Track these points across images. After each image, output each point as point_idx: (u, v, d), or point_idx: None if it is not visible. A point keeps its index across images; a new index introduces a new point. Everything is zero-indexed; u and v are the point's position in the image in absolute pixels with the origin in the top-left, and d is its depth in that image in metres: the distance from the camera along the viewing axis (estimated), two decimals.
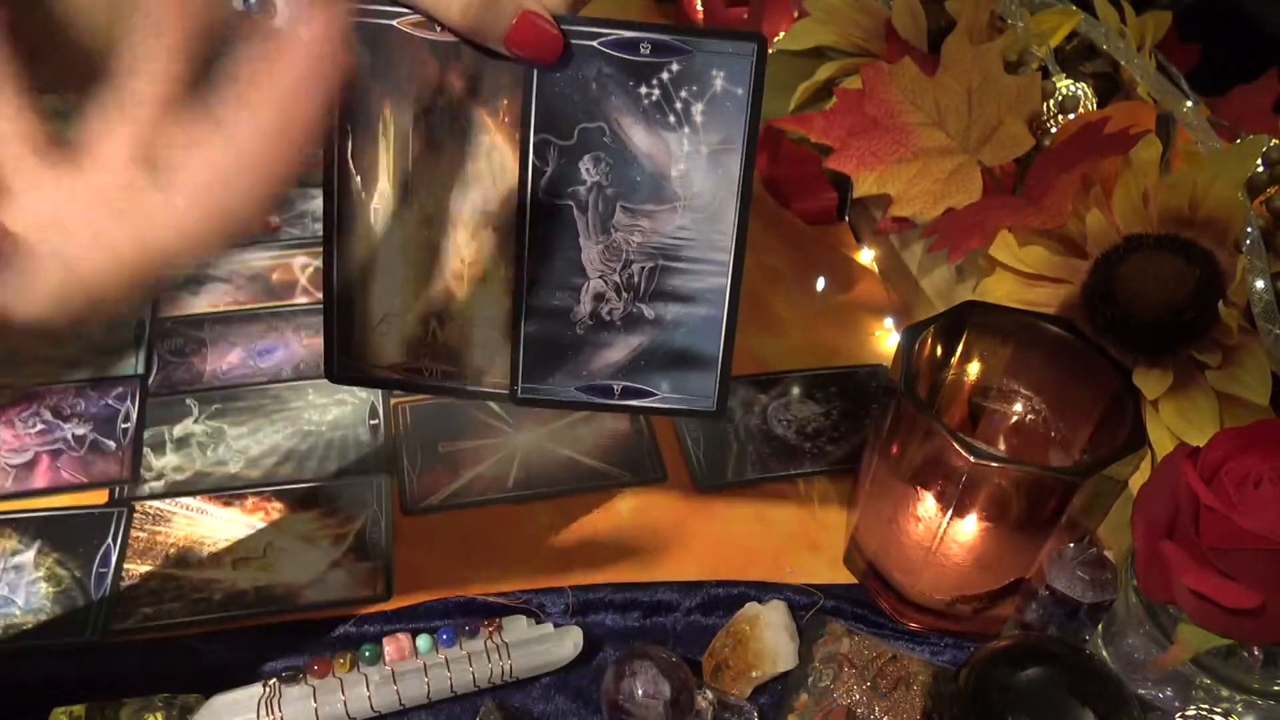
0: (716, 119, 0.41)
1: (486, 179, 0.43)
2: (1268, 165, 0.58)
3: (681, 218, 0.42)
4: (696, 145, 0.41)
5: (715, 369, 0.45)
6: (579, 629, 0.54)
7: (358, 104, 0.42)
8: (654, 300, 0.44)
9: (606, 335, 0.44)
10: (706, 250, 0.43)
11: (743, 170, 0.42)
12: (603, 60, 0.41)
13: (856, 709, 0.52)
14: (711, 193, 0.42)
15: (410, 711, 0.51)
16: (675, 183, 0.42)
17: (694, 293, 0.44)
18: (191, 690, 0.50)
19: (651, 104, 0.41)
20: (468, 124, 0.42)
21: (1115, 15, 0.69)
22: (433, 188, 0.43)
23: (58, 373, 0.65)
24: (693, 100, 0.41)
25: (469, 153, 0.43)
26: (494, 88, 0.42)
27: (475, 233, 0.44)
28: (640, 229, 0.43)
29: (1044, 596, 0.51)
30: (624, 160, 0.42)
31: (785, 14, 0.82)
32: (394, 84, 0.42)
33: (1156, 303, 0.52)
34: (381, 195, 0.43)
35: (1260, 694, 0.44)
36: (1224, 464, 0.42)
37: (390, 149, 0.43)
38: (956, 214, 0.61)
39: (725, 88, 0.41)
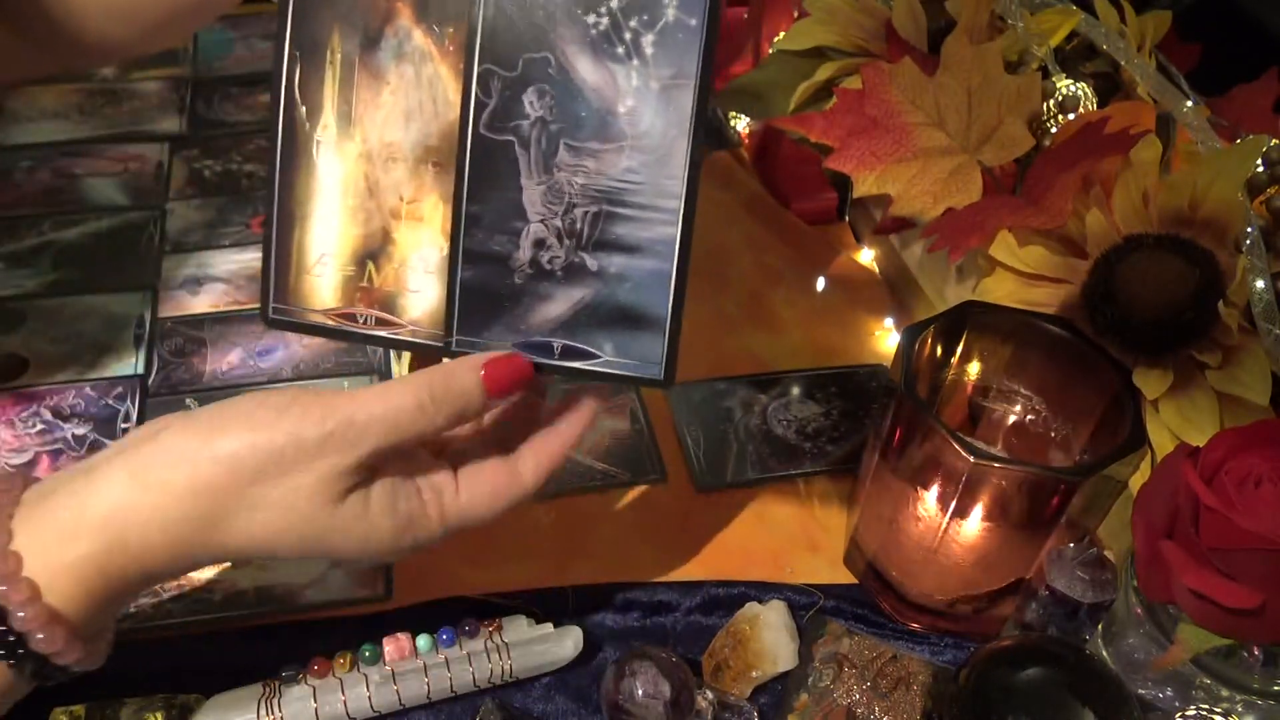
0: (668, 51, 0.39)
1: (429, 110, 0.41)
2: (1268, 165, 0.57)
3: (629, 159, 0.40)
4: (646, 80, 0.39)
5: (663, 331, 0.42)
6: (579, 629, 0.54)
7: (307, 30, 0.41)
8: (597, 250, 0.41)
9: (547, 286, 0.42)
10: (655, 196, 0.40)
11: (695, 108, 0.39)
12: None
13: (856, 709, 0.52)
14: (661, 132, 0.39)
15: (410, 711, 0.51)
16: (622, 120, 0.40)
17: (641, 243, 0.41)
18: (191, 690, 0.50)
19: (599, 33, 0.39)
20: (412, 52, 0.41)
21: (1115, 15, 0.69)
22: (375, 120, 0.41)
23: None
24: (643, 30, 0.38)
25: (412, 83, 0.41)
26: (441, 15, 0.40)
27: (416, 169, 0.42)
28: (584, 169, 0.40)
29: (1044, 596, 0.51)
30: (569, 94, 0.40)
31: (785, 14, 0.82)
32: (343, 10, 0.41)
33: (1156, 303, 0.52)
34: (325, 127, 0.42)
35: (1260, 694, 0.44)
36: (1224, 464, 0.42)
37: (335, 79, 0.41)
38: (956, 214, 0.61)
39: (678, 17, 0.38)
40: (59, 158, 0.82)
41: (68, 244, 0.75)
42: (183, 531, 0.38)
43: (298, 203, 0.43)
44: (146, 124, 0.86)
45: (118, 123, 0.86)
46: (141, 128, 0.86)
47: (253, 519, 0.38)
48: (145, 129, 0.86)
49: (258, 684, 0.50)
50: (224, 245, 0.76)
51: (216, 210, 0.79)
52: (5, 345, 0.68)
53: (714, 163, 0.87)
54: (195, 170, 0.82)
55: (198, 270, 0.74)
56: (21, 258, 0.74)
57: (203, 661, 0.53)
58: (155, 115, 0.87)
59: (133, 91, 0.89)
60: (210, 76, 0.92)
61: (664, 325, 0.42)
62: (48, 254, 0.74)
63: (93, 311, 0.69)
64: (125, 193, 0.80)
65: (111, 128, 0.85)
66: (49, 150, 0.83)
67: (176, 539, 0.38)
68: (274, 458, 0.38)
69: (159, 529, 0.38)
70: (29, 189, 0.79)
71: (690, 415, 0.67)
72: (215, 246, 0.76)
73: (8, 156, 0.82)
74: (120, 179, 0.81)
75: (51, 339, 0.68)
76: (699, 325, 0.73)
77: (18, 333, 0.68)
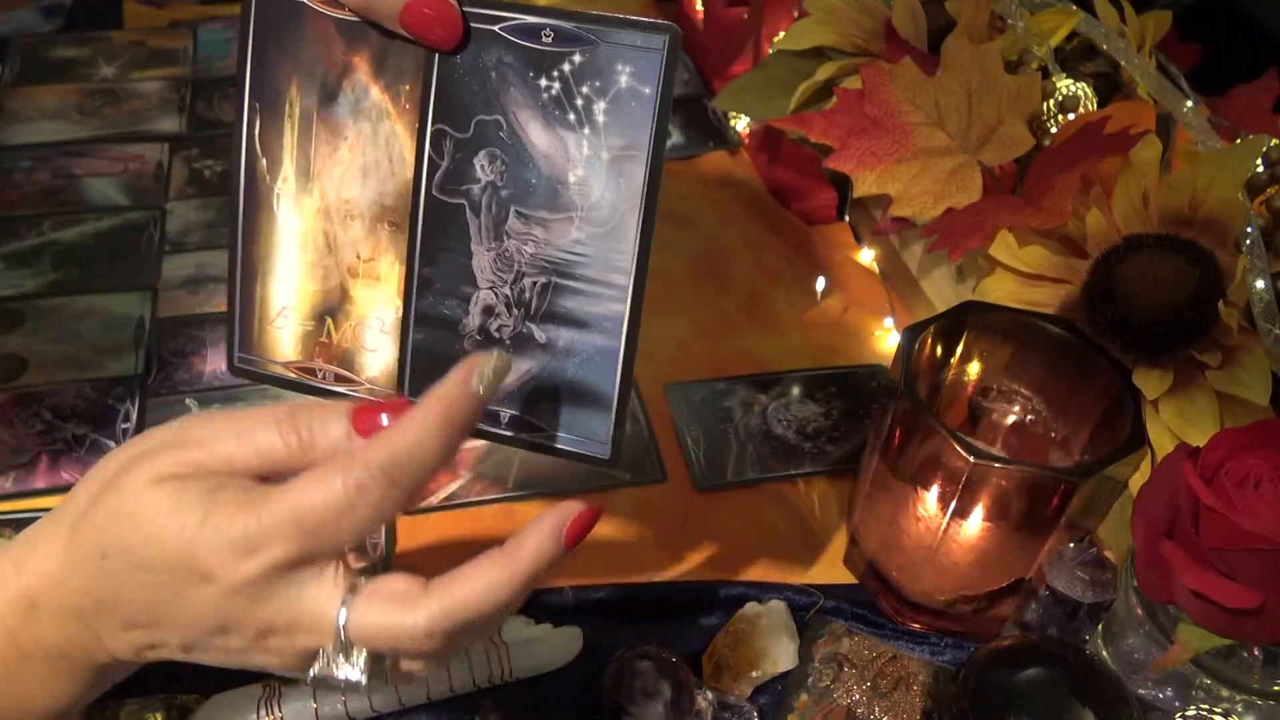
0: (620, 120, 0.37)
1: (385, 169, 0.40)
2: (1268, 165, 0.57)
3: (578, 230, 0.39)
4: (597, 149, 0.38)
5: (610, 409, 0.41)
6: (579, 629, 0.54)
7: (266, 81, 0.40)
8: (546, 322, 0.40)
9: None
10: (604, 271, 0.39)
11: (647, 182, 0.37)
12: (503, 47, 0.38)
13: (856, 709, 0.52)
14: (612, 205, 0.38)
15: (410, 711, 0.51)
16: (573, 190, 0.38)
17: (589, 318, 0.39)
18: (191, 690, 0.50)
19: (551, 98, 0.38)
20: (370, 108, 0.40)
21: (1115, 15, 0.69)
22: (333, 176, 0.41)
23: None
24: (595, 97, 0.37)
25: (369, 140, 0.40)
26: (397, 72, 0.39)
27: (373, 227, 0.41)
28: (534, 238, 0.39)
29: (1044, 596, 0.51)
30: (520, 159, 0.39)
31: (785, 14, 0.82)
32: (302, 63, 0.40)
33: (1156, 303, 0.52)
34: (285, 180, 0.41)
35: (1260, 694, 0.44)
36: (1224, 464, 0.42)
37: (294, 131, 0.41)
38: (956, 214, 0.61)
39: (631, 85, 0.37)
40: (59, 158, 0.82)
41: (68, 244, 0.75)
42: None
43: (260, 255, 0.42)
44: (146, 124, 0.86)
45: (118, 123, 0.86)
46: (141, 128, 0.86)
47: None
48: (145, 129, 0.86)
49: (258, 684, 0.50)
50: (224, 245, 0.75)
51: (216, 210, 0.79)
52: (5, 345, 0.68)
53: (714, 163, 0.87)
54: (195, 170, 0.82)
55: (197, 270, 0.74)
56: (21, 258, 0.74)
57: None
58: (155, 115, 0.87)
59: (133, 91, 0.89)
60: (210, 76, 0.92)
61: (611, 404, 0.41)
62: (48, 254, 0.74)
63: (93, 311, 0.69)
64: (125, 193, 0.80)
65: (111, 128, 0.85)
66: (49, 150, 0.83)
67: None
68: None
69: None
70: (29, 189, 0.79)
71: (690, 415, 0.67)
72: (215, 246, 0.76)
73: (8, 156, 0.82)
74: (120, 179, 0.81)
75: (51, 339, 0.68)
76: (699, 325, 0.74)
77: (18, 333, 0.68)
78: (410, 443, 0.35)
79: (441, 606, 0.35)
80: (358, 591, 0.35)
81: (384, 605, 0.35)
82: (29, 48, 0.93)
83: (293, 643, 0.36)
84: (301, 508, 0.35)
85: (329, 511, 0.34)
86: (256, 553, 0.35)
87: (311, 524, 0.34)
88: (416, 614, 0.35)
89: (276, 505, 0.35)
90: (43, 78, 0.90)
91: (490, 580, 0.35)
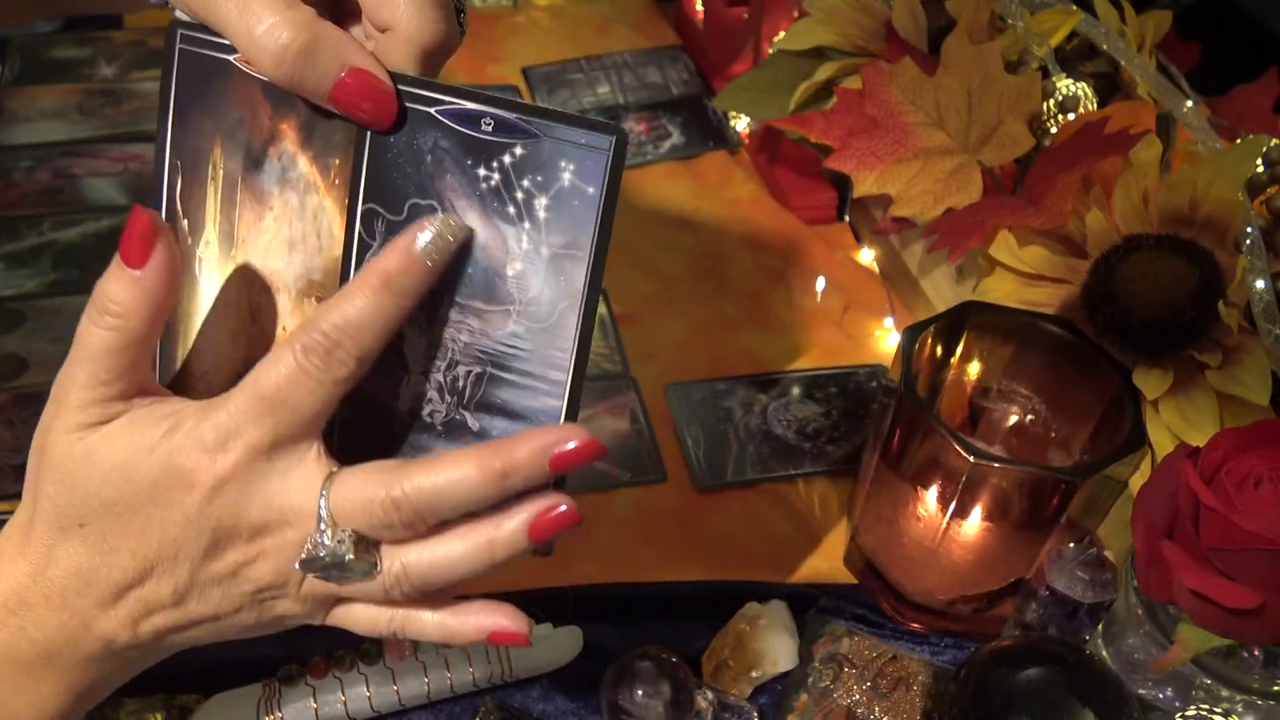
0: (561, 218, 0.36)
1: (312, 243, 0.39)
2: (1268, 165, 0.57)
3: (515, 324, 0.37)
4: (537, 245, 0.36)
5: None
6: (579, 629, 0.54)
7: (189, 140, 0.39)
8: (479, 411, 0.38)
9: (427, 439, 0.39)
10: (541, 366, 0.37)
11: (588, 281, 0.36)
12: (440, 132, 0.36)
13: (856, 709, 0.52)
14: (551, 302, 0.36)
15: (410, 711, 0.51)
16: (510, 283, 0.37)
17: (524, 411, 0.38)
18: (191, 690, 0.50)
19: (489, 189, 0.36)
20: (297, 179, 0.38)
21: (1115, 15, 0.69)
22: (258, 245, 0.39)
23: None
24: (536, 192, 0.36)
25: (297, 212, 0.38)
26: (326, 144, 0.37)
27: (299, 301, 0.39)
28: (469, 328, 0.37)
29: (1044, 596, 0.51)
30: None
31: (785, 14, 0.82)
32: (226, 125, 0.38)
33: (1156, 303, 0.52)
34: (207, 244, 0.40)
35: (1260, 694, 0.44)
36: (1224, 464, 0.42)
37: (218, 195, 0.39)
38: (956, 214, 0.61)
39: (574, 183, 0.35)
40: (59, 158, 0.82)
41: (68, 244, 0.75)
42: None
43: (180, 317, 0.41)
44: (146, 124, 0.86)
45: (118, 123, 0.86)
46: (141, 128, 0.86)
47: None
48: (145, 129, 0.86)
49: (258, 684, 0.50)
50: None
51: None
52: (5, 345, 0.68)
53: (714, 163, 0.87)
54: None
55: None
56: (21, 258, 0.74)
57: (203, 661, 0.52)
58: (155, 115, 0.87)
59: (133, 91, 0.89)
60: None
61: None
62: (48, 254, 0.74)
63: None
64: (125, 193, 0.80)
65: (111, 128, 0.85)
66: (49, 150, 0.83)
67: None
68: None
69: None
70: (29, 189, 0.79)
71: (690, 415, 0.67)
72: None
73: (8, 156, 0.82)
74: (120, 179, 0.81)
75: (51, 339, 0.68)
76: (699, 325, 0.74)
77: (18, 333, 0.68)
78: (352, 304, 0.35)
79: (413, 482, 0.36)
80: (336, 472, 0.36)
81: (361, 479, 0.36)
82: (29, 48, 0.93)
83: (284, 538, 0.36)
84: (260, 385, 0.35)
85: (286, 380, 0.35)
86: (230, 443, 0.35)
87: (273, 397, 0.35)
88: (391, 484, 0.36)
89: (237, 394, 0.36)
90: (43, 78, 0.90)
91: (462, 469, 0.36)
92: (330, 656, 0.51)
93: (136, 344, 0.36)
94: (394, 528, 0.36)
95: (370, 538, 0.37)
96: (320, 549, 0.36)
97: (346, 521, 0.36)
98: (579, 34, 0.98)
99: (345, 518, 0.36)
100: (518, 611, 0.39)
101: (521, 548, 0.38)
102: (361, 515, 0.36)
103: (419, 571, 0.37)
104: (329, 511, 0.36)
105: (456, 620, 0.39)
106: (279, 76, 0.35)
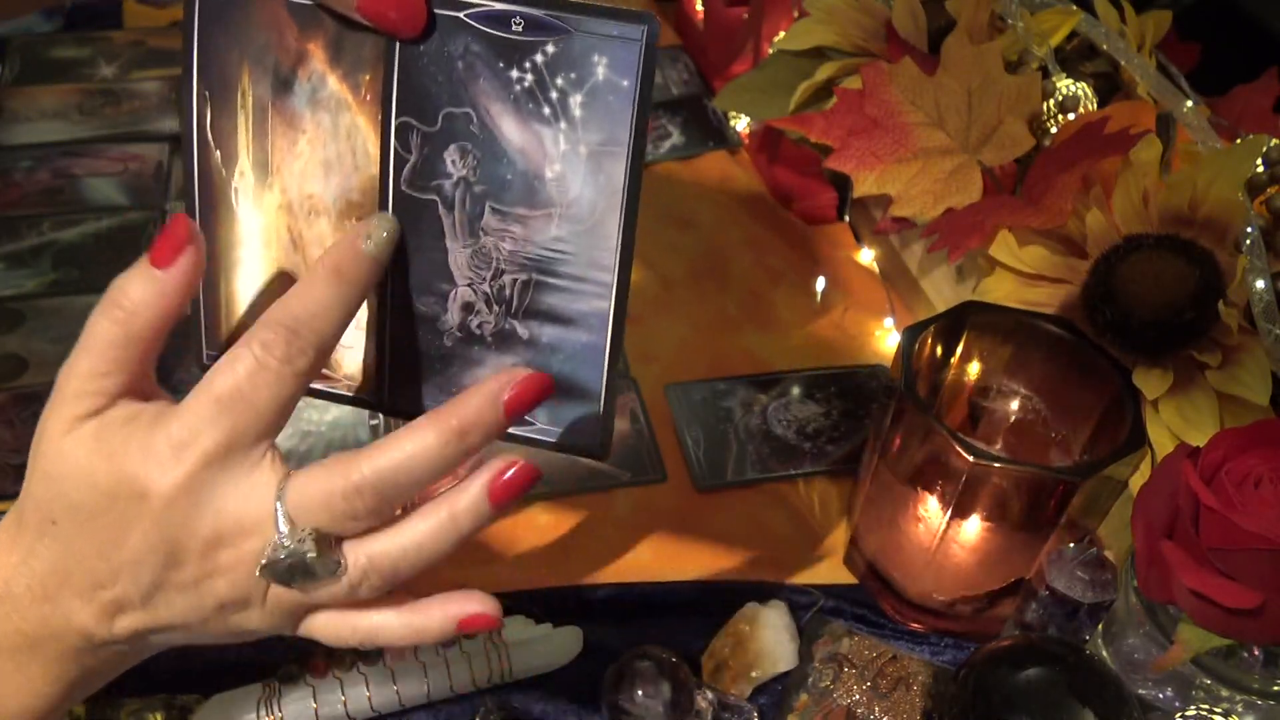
0: (598, 114, 0.35)
1: (348, 163, 0.38)
2: (1268, 165, 0.57)
3: (558, 227, 0.37)
4: (574, 144, 0.36)
5: (598, 404, 0.39)
6: (579, 629, 0.54)
7: (215, 69, 0.38)
8: (528, 318, 0.38)
9: (478, 351, 0.39)
10: (587, 268, 0.37)
11: (628, 177, 0.36)
12: (471, 36, 0.35)
13: (856, 709, 0.52)
14: (591, 201, 0.36)
15: (410, 711, 0.51)
16: (550, 185, 0.36)
17: (573, 315, 0.38)
18: (191, 690, 0.50)
19: (523, 91, 0.35)
20: (328, 99, 0.38)
21: (1115, 15, 0.69)
22: (293, 170, 0.39)
23: None
24: (570, 90, 0.35)
25: (330, 133, 0.38)
26: (355, 60, 0.37)
27: (339, 223, 0.39)
28: (512, 235, 0.37)
29: (1044, 596, 0.51)
30: (493, 154, 0.37)
31: (785, 14, 0.82)
32: (252, 51, 0.38)
33: (1156, 303, 0.52)
34: (242, 174, 0.39)
35: (1260, 694, 0.44)
36: (1224, 464, 0.42)
37: (249, 123, 0.39)
38: (956, 214, 0.61)
39: (608, 77, 0.35)
40: (59, 158, 0.82)
41: (68, 244, 0.75)
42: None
43: (221, 251, 0.41)
44: (146, 124, 0.86)
45: (118, 123, 0.86)
46: (141, 128, 0.86)
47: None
48: (145, 129, 0.86)
49: (258, 684, 0.50)
50: None
51: None
52: (5, 345, 0.68)
53: (714, 163, 0.87)
54: None
55: None
56: (21, 258, 0.74)
57: (203, 661, 0.53)
58: (155, 115, 0.87)
59: (133, 91, 0.89)
60: None
61: (598, 398, 0.39)
62: (48, 254, 0.74)
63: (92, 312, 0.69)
64: (125, 193, 0.80)
65: (111, 128, 0.85)
66: (49, 150, 0.83)
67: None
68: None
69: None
70: (29, 189, 0.79)
71: (690, 415, 0.67)
72: None
73: (8, 156, 0.82)
74: (120, 179, 0.81)
75: (51, 339, 0.68)
76: (699, 325, 0.74)
77: (18, 333, 0.68)
78: (305, 298, 0.36)
79: (371, 464, 0.35)
80: (291, 474, 0.36)
81: (316, 474, 0.36)
82: (29, 48, 0.93)
83: (241, 551, 0.36)
84: (215, 386, 0.35)
85: (242, 379, 0.35)
86: (183, 453, 0.35)
87: (228, 397, 0.35)
88: (349, 472, 0.35)
89: (192, 399, 0.36)
90: (43, 78, 0.90)
91: (420, 436, 0.36)
92: (330, 656, 0.51)
93: (140, 341, 0.36)
94: (357, 517, 0.36)
95: (332, 534, 0.36)
96: (280, 550, 0.35)
97: (306, 520, 0.36)
98: None
99: (305, 517, 0.36)
100: (485, 595, 0.39)
101: (485, 514, 0.37)
102: (322, 511, 0.36)
103: (386, 561, 0.37)
104: (287, 513, 0.35)
105: (422, 616, 0.39)
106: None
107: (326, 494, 0.36)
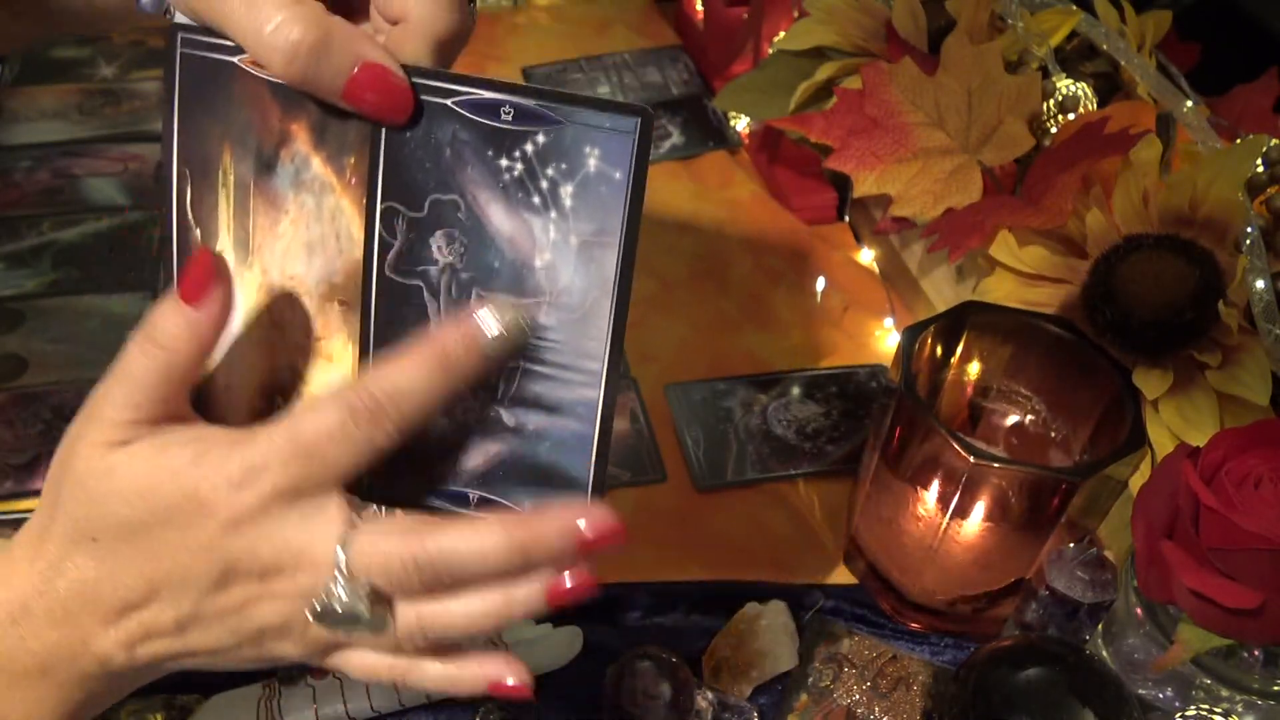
0: (589, 205, 0.35)
1: (332, 246, 0.37)
2: (1268, 165, 0.57)
3: (547, 316, 0.36)
4: (565, 234, 0.35)
5: (584, 494, 0.39)
6: (579, 629, 0.54)
7: (196, 146, 0.38)
8: (514, 405, 0.37)
9: (461, 437, 0.38)
10: (575, 357, 0.36)
11: (619, 269, 0.35)
12: (459, 123, 0.35)
13: (856, 709, 0.52)
14: (582, 291, 0.36)
15: (410, 712, 0.51)
16: (540, 274, 0.36)
17: (560, 403, 0.37)
18: (191, 690, 0.50)
19: (513, 180, 0.35)
20: (312, 181, 0.37)
21: (1115, 15, 0.69)
22: (274, 251, 0.38)
23: None
24: (561, 180, 0.34)
25: (313, 215, 0.37)
26: (340, 143, 0.36)
27: (321, 306, 0.38)
28: None
29: (1044, 596, 0.51)
30: (481, 242, 0.36)
31: (785, 14, 0.82)
32: (234, 129, 0.37)
33: (1156, 303, 0.52)
34: (222, 253, 0.39)
35: (1260, 694, 0.44)
36: (1224, 464, 0.42)
37: (230, 201, 0.38)
38: (956, 214, 0.61)
39: (600, 169, 0.34)
40: (59, 158, 0.82)
41: (68, 244, 0.75)
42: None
43: None
44: (146, 124, 0.86)
45: (118, 123, 0.86)
46: (141, 128, 0.86)
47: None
48: (145, 129, 0.86)
49: (257, 684, 0.50)
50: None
51: None
52: (5, 345, 0.68)
53: (714, 163, 0.87)
54: None
55: None
56: (21, 258, 0.74)
57: None
58: (155, 115, 0.87)
59: (133, 91, 0.89)
60: None
61: (585, 488, 0.39)
62: (48, 254, 0.74)
63: (93, 311, 0.69)
64: (125, 193, 0.80)
65: (111, 128, 0.85)
66: (49, 150, 0.83)
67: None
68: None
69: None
70: (29, 189, 0.79)
71: (690, 415, 0.67)
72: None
73: (8, 156, 0.82)
74: (120, 179, 0.81)
75: (51, 339, 0.68)
76: (699, 325, 0.74)
77: (18, 333, 0.68)
78: (405, 375, 0.35)
79: (438, 544, 0.35)
80: (357, 525, 0.36)
81: (385, 536, 0.35)
82: (29, 48, 0.93)
83: (295, 583, 0.36)
84: (300, 431, 0.35)
85: (324, 434, 0.35)
86: (255, 481, 0.35)
87: (307, 446, 0.35)
88: (414, 544, 0.35)
89: (274, 433, 0.35)
90: (43, 78, 0.90)
91: (491, 538, 0.35)
92: None
93: (178, 377, 0.36)
94: (412, 587, 0.36)
95: (385, 592, 0.36)
96: (336, 602, 0.35)
97: (365, 575, 0.35)
98: (579, 34, 0.98)
99: (364, 571, 0.35)
100: (521, 665, 0.39)
101: (537, 610, 0.37)
102: (380, 571, 0.35)
103: (436, 626, 0.37)
104: (348, 564, 0.35)
105: (458, 669, 0.39)
106: (290, 76, 0.34)
107: (387, 556, 0.35)
